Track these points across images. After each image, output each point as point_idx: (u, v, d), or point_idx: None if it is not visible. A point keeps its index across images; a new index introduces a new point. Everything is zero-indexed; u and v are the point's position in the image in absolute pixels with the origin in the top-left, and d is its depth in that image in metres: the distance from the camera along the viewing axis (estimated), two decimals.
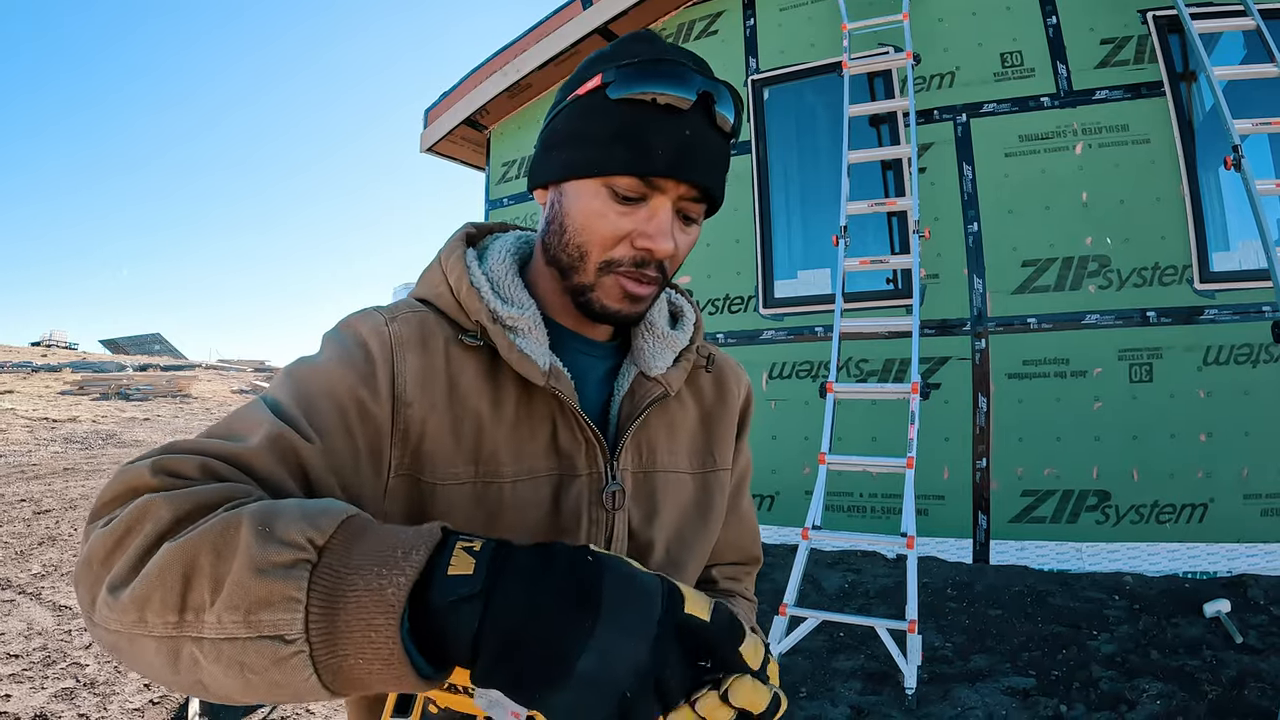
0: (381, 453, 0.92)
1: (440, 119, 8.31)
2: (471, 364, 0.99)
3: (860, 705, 3.75)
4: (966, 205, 5.93)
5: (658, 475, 1.11)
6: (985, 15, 6.07)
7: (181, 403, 21.37)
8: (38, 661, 4.44)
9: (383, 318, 0.97)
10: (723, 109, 0.96)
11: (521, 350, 0.97)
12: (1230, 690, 3.65)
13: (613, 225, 0.96)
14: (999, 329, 5.77)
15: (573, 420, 1.01)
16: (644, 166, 0.93)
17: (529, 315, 1.01)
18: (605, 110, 0.94)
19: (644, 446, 1.10)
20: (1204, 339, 5.31)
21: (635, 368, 1.11)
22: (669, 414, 1.15)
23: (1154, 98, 5.55)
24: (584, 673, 0.63)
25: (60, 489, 9.95)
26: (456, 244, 1.06)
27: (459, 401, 0.97)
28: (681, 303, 1.23)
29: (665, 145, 0.92)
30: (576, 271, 0.99)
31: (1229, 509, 5.18)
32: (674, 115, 0.93)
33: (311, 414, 0.87)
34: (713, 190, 0.98)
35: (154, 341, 55.88)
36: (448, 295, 1.01)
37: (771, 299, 6.62)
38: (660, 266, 0.99)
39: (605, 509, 1.03)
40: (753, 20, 6.94)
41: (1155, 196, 5.49)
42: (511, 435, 0.99)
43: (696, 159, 0.94)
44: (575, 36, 7.22)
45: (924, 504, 5.74)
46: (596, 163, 0.95)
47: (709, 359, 1.22)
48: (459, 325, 1.00)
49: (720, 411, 1.23)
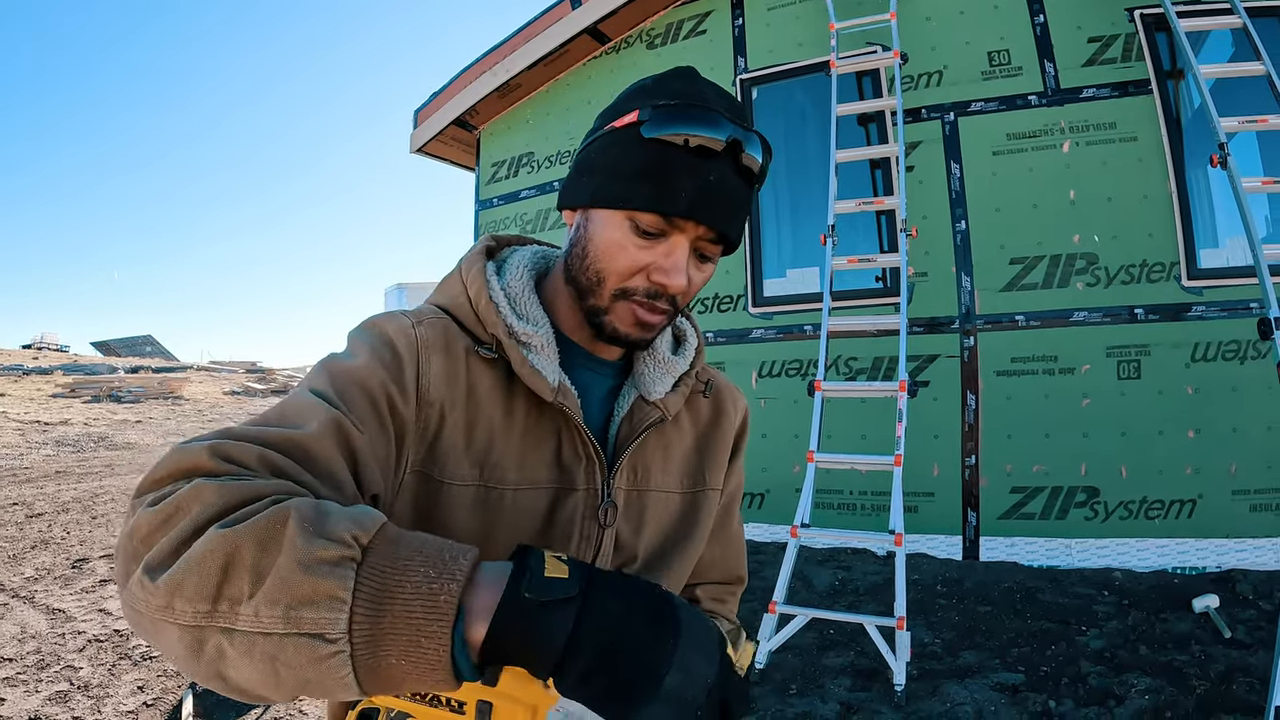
0: (404, 448, 0.96)
1: (430, 119, 8.31)
2: (488, 373, 1.03)
3: (850, 702, 3.77)
4: (954, 203, 5.95)
5: (649, 494, 1.15)
6: (973, 14, 6.08)
7: (173, 404, 21.33)
8: (31, 665, 4.43)
9: (409, 320, 1.01)
10: (751, 151, 0.99)
11: (534, 366, 1.01)
12: (1219, 685, 3.67)
13: (631, 258, 0.99)
14: (987, 326, 5.78)
15: (577, 436, 1.05)
16: (667, 206, 0.96)
17: (543, 333, 1.04)
18: (637, 146, 0.97)
19: (639, 467, 1.14)
20: (1192, 336, 5.33)
21: (635, 390, 1.14)
22: (665, 437, 1.18)
23: (1141, 96, 5.57)
24: (670, 688, 0.66)
25: (52, 492, 9.93)
26: (477, 256, 1.10)
27: (475, 406, 1.01)
28: (685, 326, 1.27)
29: (690, 187, 0.95)
30: (593, 294, 1.03)
31: (1217, 505, 5.20)
32: (701, 158, 0.96)
33: (352, 406, 0.90)
34: (730, 235, 1.01)
35: (145, 343, 55.73)
36: (466, 306, 1.05)
37: (761, 298, 6.63)
38: (672, 300, 1.02)
39: (599, 524, 1.07)
40: (741, 20, 6.95)
41: (1143, 194, 5.51)
42: (519, 445, 1.03)
43: (718, 203, 0.98)
44: (564, 36, 7.22)
45: (913, 501, 5.75)
46: (623, 196, 0.98)
47: (708, 384, 1.25)
48: (475, 336, 1.04)
49: (715, 435, 1.26)
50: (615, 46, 7.48)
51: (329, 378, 0.93)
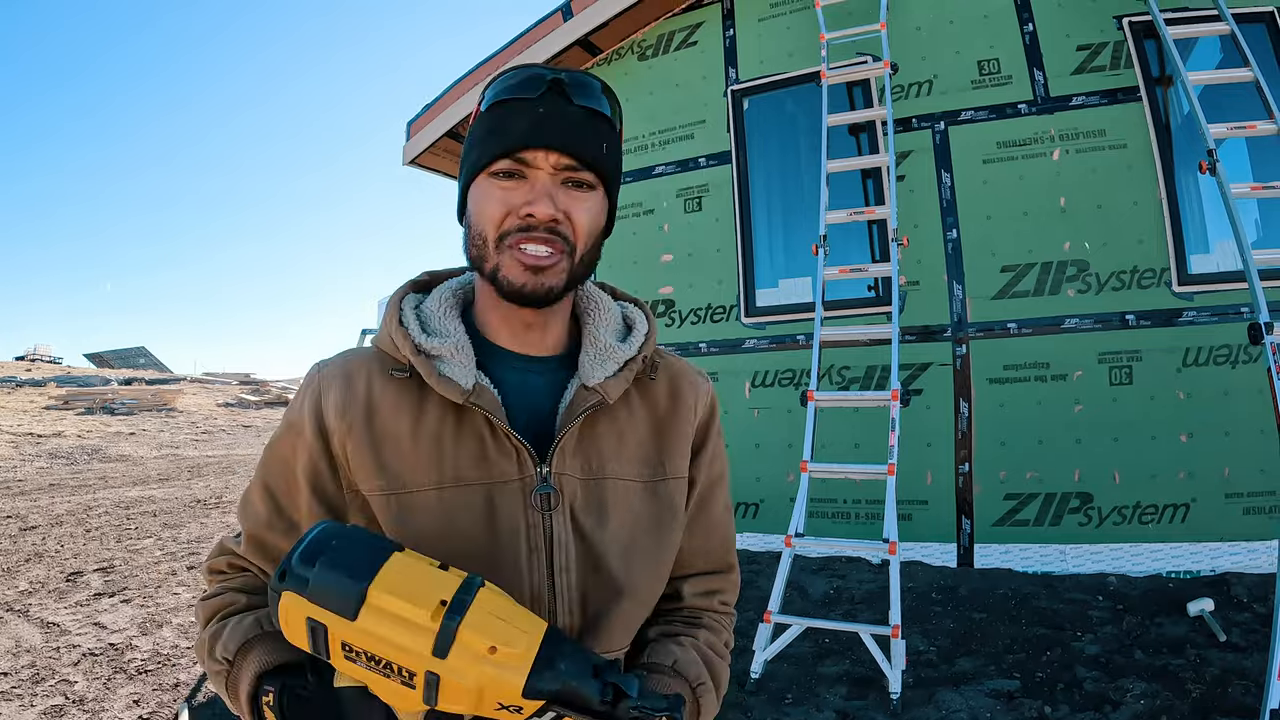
0: (337, 474, 1.12)
1: (422, 131, 8.31)
2: (394, 391, 1.12)
3: (845, 710, 3.78)
4: (945, 212, 5.97)
5: (606, 483, 1.16)
6: (962, 23, 6.11)
7: (167, 416, 21.27)
8: (26, 679, 4.43)
9: (317, 367, 1.17)
10: (582, 93, 1.09)
11: (443, 375, 1.09)
12: (1214, 688, 3.69)
13: (498, 201, 1.07)
14: (979, 334, 5.80)
15: (500, 432, 1.10)
16: (505, 144, 1.05)
17: (451, 343, 1.12)
18: (481, 122, 1.10)
19: (592, 455, 1.16)
20: (1183, 341, 5.36)
21: (578, 380, 1.18)
22: (618, 423, 1.20)
23: (1130, 103, 5.60)
24: None
25: (46, 505, 9.92)
26: (398, 292, 1.22)
27: (380, 423, 1.10)
28: (635, 314, 1.29)
29: (522, 124, 1.05)
30: (485, 258, 1.09)
31: (1211, 508, 5.22)
32: (528, 102, 1.06)
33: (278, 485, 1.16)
34: (585, 156, 1.07)
35: (139, 355, 55.58)
36: (386, 337, 1.15)
37: (753, 308, 6.64)
38: (555, 232, 1.07)
39: (538, 510, 1.10)
40: (732, 31, 6.97)
41: (1133, 200, 5.54)
42: (433, 449, 1.09)
43: (553, 127, 1.05)
44: (556, 48, 7.22)
45: (907, 509, 5.76)
46: (477, 160, 1.09)
47: (653, 366, 1.27)
48: (395, 360, 1.14)
49: (672, 421, 1.26)
50: (607, 58, 7.50)
51: (261, 468, 1.19)
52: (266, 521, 1.15)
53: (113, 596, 6.00)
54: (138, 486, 11.56)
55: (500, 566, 1.06)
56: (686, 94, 7.08)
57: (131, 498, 10.56)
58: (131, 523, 8.85)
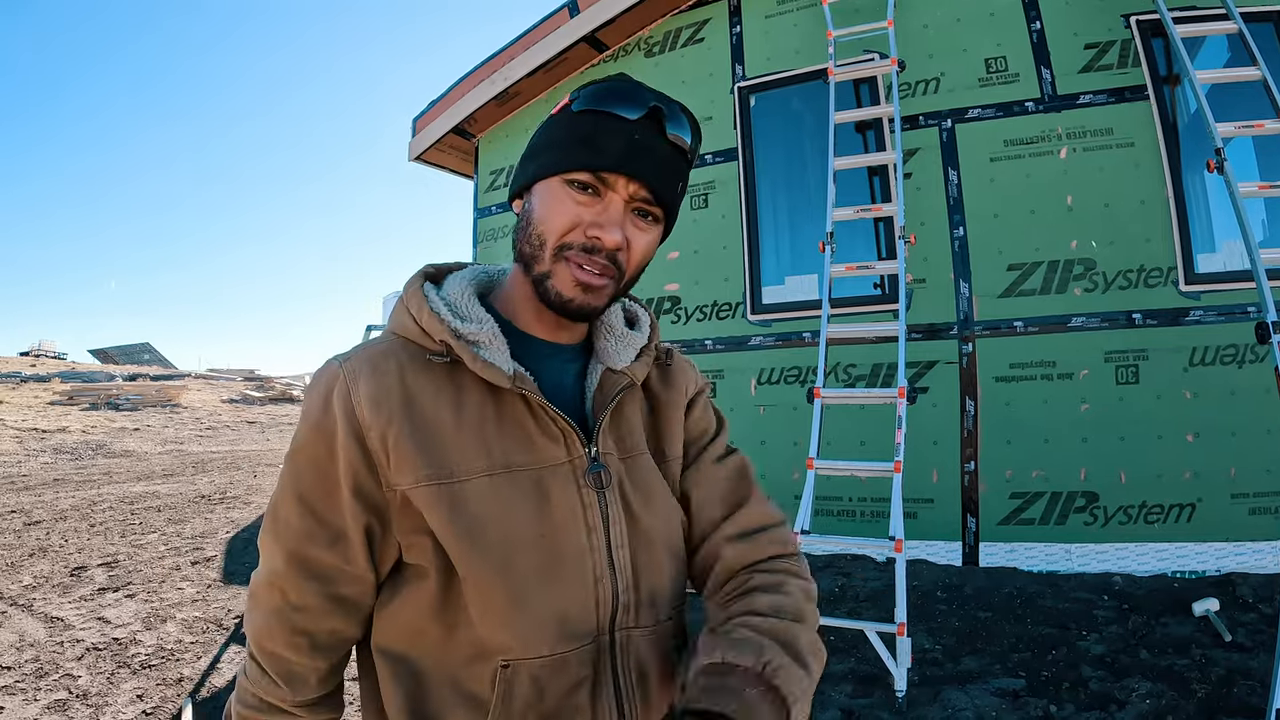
0: (375, 471, 1.06)
1: (429, 127, 8.31)
2: (430, 379, 1.09)
3: (851, 708, 3.77)
4: (952, 210, 5.96)
5: (640, 459, 1.21)
6: (969, 21, 6.10)
7: (171, 412, 21.29)
8: (30, 673, 4.43)
9: (337, 361, 1.10)
10: (675, 125, 1.09)
11: (486, 360, 1.07)
12: (1219, 688, 3.67)
13: (569, 213, 1.06)
14: (986, 333, 5.79)
15: (544, 415, 1.10)
16: (595, 162, 1.05)
17: (488, 329, 1.11)
18: (569, 122, 1.09)
19: (624, 434, 1.21)
20: (1190, 340, 5.35)
21: (601, 365, 1.22)
22: (636, 404, 1.26)
23: (1138, 101, 5.59)
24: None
25: (50, 500, 9.92)
26: (415, 280, 1.18)
27: (419, 412, 1.06)
28: (636, 309, 1.35)
29: (617, 145, 1.05)
30: (538, 260, 1.09)
31: (1217, 508, 5.21)
32: (625, 123, 1.06)
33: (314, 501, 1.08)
34: (661, 192, 1.09)
35: (143, 351, 55.60)
36: (412, 325, 1.12)
37: (759, 305, 6.64)
38: (613, 260, 1.08)
39: (595, 489, 1.12)
40: (739, 28, 6.96)
41: (1140, 199, 5.53)
42: (479, 436, 1.08)
43: (644, 160, 1.06)
44: (563, 45, 7.23)
45: (913, 507, 5.76)
46: (558, 163, 1.07)
47: (667, 354, 1.34)
48: (425, 349, 1.11)
49: (669, 407, 1.31)
50: (614, 55, 7.50)
51: (291, 471, 1.10)
52: (307, 534, 1.07)
53: (117, 591, 6.00)
54: (142, 482, 11.56)
55: (563, 549, 1.07)
56: (693, 91, 7.06)
57: (136, 493, 10.56)
58: (136, 518, 8.85)
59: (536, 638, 1.04)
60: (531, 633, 1.04)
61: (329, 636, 1.11)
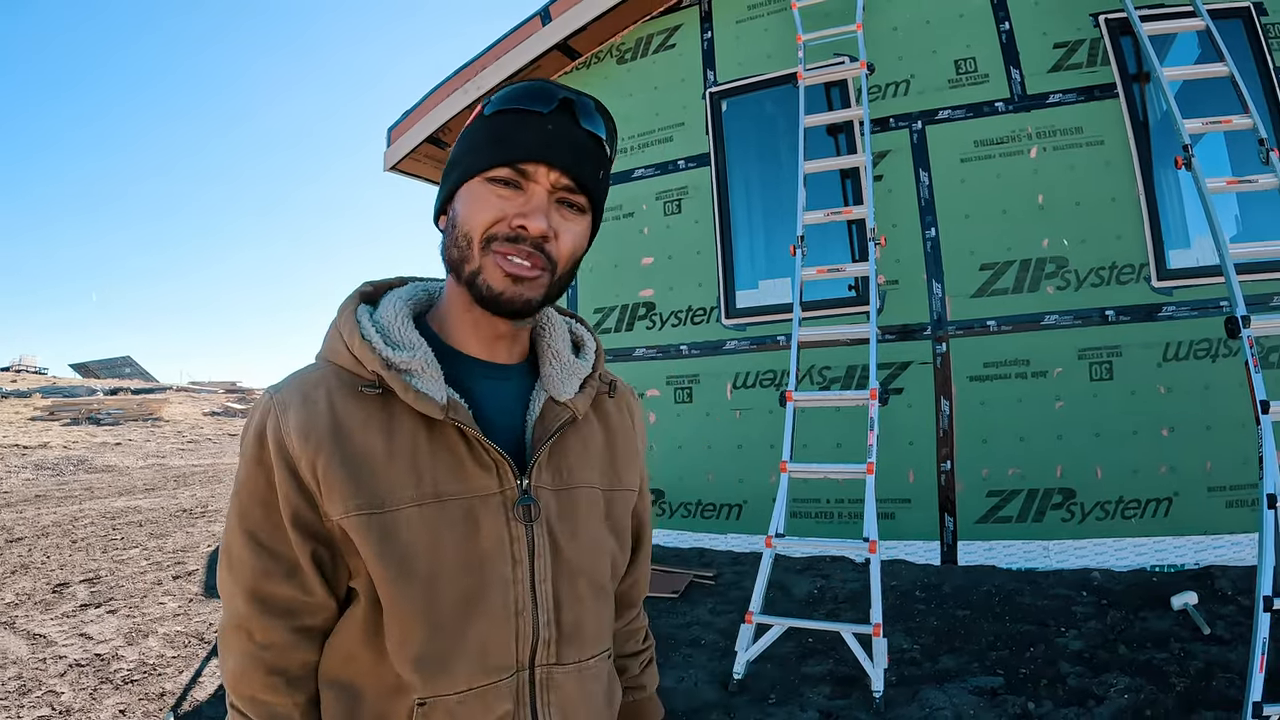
0: (312, 502, 1.05)
1: (403, 137, 8.29)
2: (360, 406, 1.07)
3: (829, 710, 3.78)
4: (924, 211, 5.99)
5: (576, 491, 1.19)
6: (939, 23, 6.14)
7: (153, 426, 21.20)
8: (13, 691, 4.41)
9: (269, 393, 1.09)
10: (587, 118, 1.10)
11: (418, 390, 1.06)
12: (1198, 682, 3.70)
13: (492, 208, 1.06)
14: (959, 332, 5.82)
15: (477, 445, 1.09)
16: (513, 154, 1.06)
17: (420, 356, 1.09)
18: (483, 126, 1.10)
19: (562, 467, 1.18)
20: (1163, 336, 5.39)
21: (545, 393, 1.20)
22: (581, 434, 1.24)
23: (1107, 100, 5.64)
24: None
25: (32, 516, 9.87)
26: (348, 304, 1.17)
27: (347, 441, 1.05)
28: (582, 332, 1.34)
29: (530, 137, 1.06)
30: (467, 260, 1.08)
31: (1194, 502, 5.25)
32: (539, 116, 1.07)
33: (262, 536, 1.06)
34: (584, 180, 1.09)
35: (124, 364, 55.25)
36: (344, 351, 1.11)
37: (734, 309, 6.65)
38: (541, 249, 1.07)
39: (521, 522, 1.11)
40: (710, 33, 6.98)
41: (1111, 197, 5.57)
42: (409, 464, 1.06)
43: (561, 147, 1.07)
44: (535, 53, 7.22)
45: (890, 508, 5.78)
46: (476, 164, 1.08)
47: (611, 385, 1.33)
48: (359, 376, 1.09)
49: (621, 434, 1.33)
50: (586, 62, 7.50)
51: (237, 510, 1.08)
52: (263, 570, 1.06)
53: (99, 607, 5.97)
54: (124, 497, 11.50)
55: (488, 580, 1.07)
56: (665, 97, 7.08)
57: (118, 508, 10.50)
58: (118, 533, 8.80)
59: (454, 670, 1.04)
60: (449, 664, 1.04)
61: (301, 669, 1.10)
